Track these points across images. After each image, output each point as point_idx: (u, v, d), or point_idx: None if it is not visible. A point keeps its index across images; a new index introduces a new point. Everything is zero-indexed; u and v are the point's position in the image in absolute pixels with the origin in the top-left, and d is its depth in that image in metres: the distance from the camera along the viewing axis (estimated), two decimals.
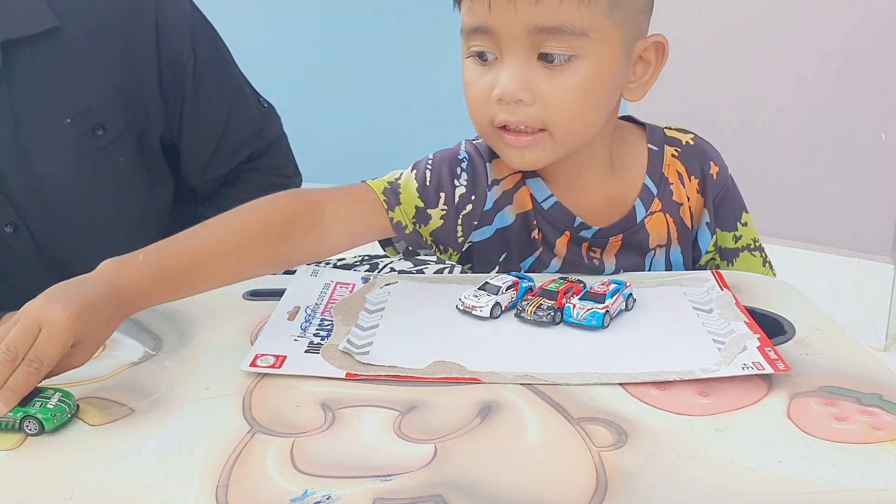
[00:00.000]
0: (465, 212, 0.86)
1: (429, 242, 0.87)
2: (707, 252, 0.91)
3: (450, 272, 1.16)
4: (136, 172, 1.06)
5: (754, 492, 0.50)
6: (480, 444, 0.55)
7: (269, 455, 0.54)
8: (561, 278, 0.76)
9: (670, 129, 0.92)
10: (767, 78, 2.01)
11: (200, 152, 1.10)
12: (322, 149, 2.38)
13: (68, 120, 0.99)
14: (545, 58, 0.76)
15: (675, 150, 0.90)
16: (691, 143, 0.91)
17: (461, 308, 0.73)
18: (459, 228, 0.86)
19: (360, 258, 1.18)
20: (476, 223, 0.86)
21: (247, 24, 2.39)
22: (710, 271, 0.82)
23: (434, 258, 1.18)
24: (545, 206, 0.87)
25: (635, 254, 0.88)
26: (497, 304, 0.72)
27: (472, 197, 0.85)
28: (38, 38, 0.95)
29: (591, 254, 0.87)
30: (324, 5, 2.47)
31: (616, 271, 0.88)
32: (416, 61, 2.44)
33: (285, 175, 1.18)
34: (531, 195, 0.87)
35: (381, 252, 0.94)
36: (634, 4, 0.79)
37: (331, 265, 1.14)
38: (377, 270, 1.14)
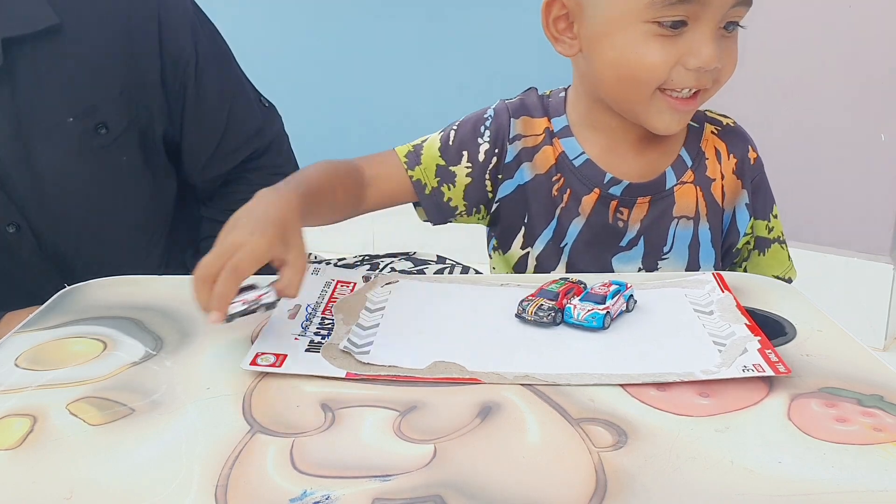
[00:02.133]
0: (491, 165, 0.90)
1: (455, 205, 0.90)
2: (745, 234, 0.93)
3: (450, 272, 1.16)
4: (138, 171, 1.06)
5: (754, 493, 0.50)
6: (480, 444, 0.55)
7: (269, 455, 0.54)
8: (562, 279, 0.76)
9: (711, 111, 0.95)
10: (766, 78, 2.01)
11: (202, 150, 1.10)
12: (322, 148, 2.38)
13: (71, 119, 0.99)
14: (727, 26, 0.81)
15: (716, 128, 0.93)
16: (732, 125, 0.94)
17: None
18: (488, 183, 0.90)
19: (360, 258, 1.18)
20: (500, 177, 0.90)
21: (248, 23, 2.39)
22: (710, 273, 0.82)
23: (434, 259, 1.18)
24: (576, 162, 0.89)
25: (660, 220, 0.89)
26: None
27: (496, 150, 0.89)
28: (39, 35, 0.95)
29: (618, 215, 0.89)
30: (327, 4, 2.47)
31: (636, 238, 0.89)
32: (417, 59, 2.43)
33: (286, 175, 1.17)
34: (560, 154, 0.89)
35: (382, 252, 0.95)
36: None
37: (331, 264, 1.14)
38: (378, 270, 1.14)
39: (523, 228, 0.90)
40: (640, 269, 0.90)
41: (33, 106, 0.97)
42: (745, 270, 0.95)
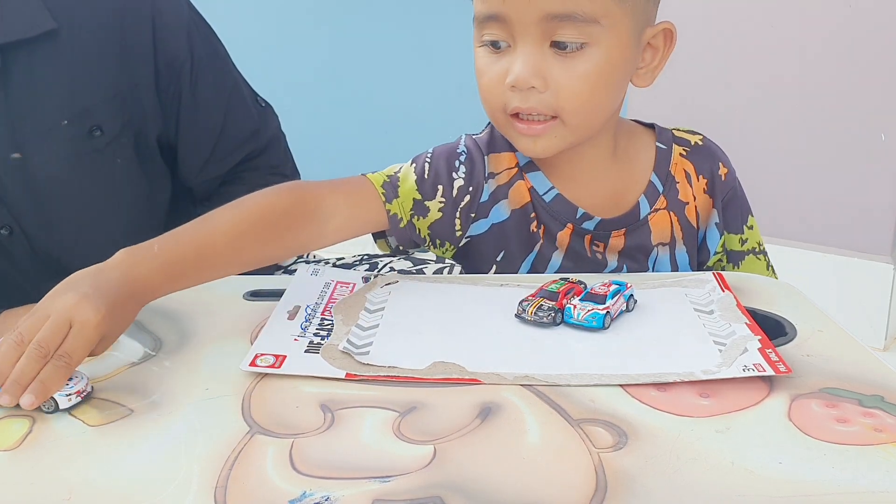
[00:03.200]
0: (462, 204, 0.86)
1: (423, 236, 0.87)
2: (715, 253, 0.92)
3: (449, 272, 1.16)
4: (133, 173, 1.06)
5: (755, 494, 0.49)
6: (480, 445, 0.54)
7: (268, 456, 0.53)
8: (562, 279, 0.76)
9: (679, 130, 0.93)
10: (766, 78, 2.01)
11: (198, 152, 1.10)
12: (321, 148, 2.39)
13: (65, 122, 0.99)
14: (557, 45, 0.78)
15: (684, 149, 0.91)
16: (700, 143, 0.92)
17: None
18: (458, 221, 0.87)
19: (359, 257, 1.18)
20: (473, 215, 0.87)
21: (244, 22, 2.39)
22: (711, 272, 0.82)
23: (433, 258, 1.18)
24: (546, 198, 0.87)
25: (637, 251, 0.88)
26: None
27: (470, 188, 0.86)
28: (35, 40, 0.95)
29: (595, 247, 0.88)
30: (325, 4, 2.47)
31: (618, 268, 0.88)
32: (415, 59, 2.43)
33: (283, 174, 1.18)
34: (531, 188, 0.87)
35: (381, 251, 0.94)
36: None
37: (330, 264, 1.13)
38: (377, 270, 1.14)
39: (495, 266, 0.88)
40: None
41: (28, 109, 0.97)
42: None
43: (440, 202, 0.86)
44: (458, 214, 0.86)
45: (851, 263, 1.97)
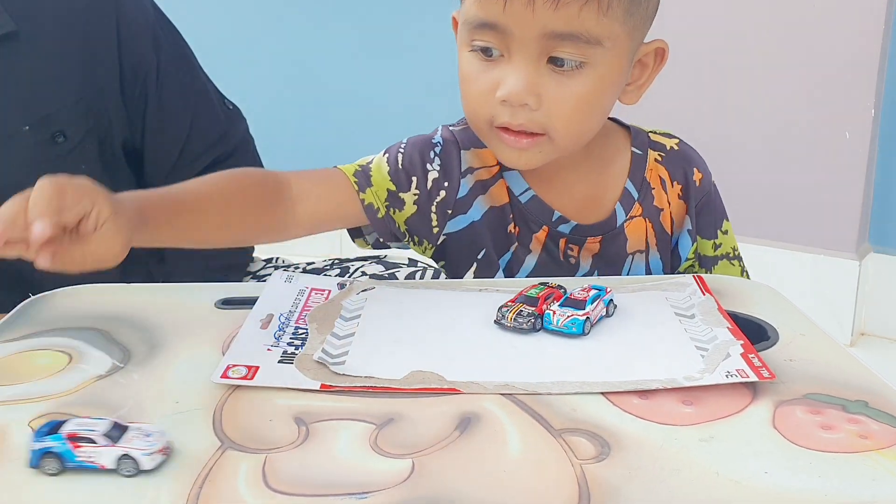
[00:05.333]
0: (438, 199, 0.84)
1: (403, 231, 0.85)
2: (686, 259, 0.90)
3: (421, 276, 1.14)
4: (97, 180, 1.03)
5: None
6: (460, 458, 0.53)
7: (241, 472, 0.52)
8: (541, 283, 0.75)
9: (655, 133, 0.91)
10: (730, 78, 2.01)
11: (164, 158, 1.08)
12: (291, 149, 2.36)
13: (27, 127, 0.96)
14: (555, 61, 0.75)
15: (659, 154, 0.89)
16: (675, 148, 0.90)
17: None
18: (434, 217, 0.84)
19: (329, 261, 1.16)
20: (450, 212, 0.85)
21: (211, 23, 2.36)
22: (691, 275, 0.81)
23: (405, 262, 1.17)
24: (522, 199, 0.85)
25: (613, 258, 0.87)
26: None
27: (445, 183, 0.84)
28: None
29: (569, 251, 0.86)
30: (296, 4, 2.44)
31: (590, 273, 0.87)
32: (385, 58, 2.42)
33: None
34: (508, 188, 0.85)
35: (354, 255, 0.92)
36: (645, 11, 0.78)
37: (300, 269, 1.12)
38: (348, 274, 1.12)
39: (475, 265, 0.86)
40: None
41: None
42: None
43: (414, 194, 0.84)
44: (433, 209, 0.84)
45: (817, 260, 1.99)
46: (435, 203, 0.84)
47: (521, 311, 0.70)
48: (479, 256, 0.86)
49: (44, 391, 0.62)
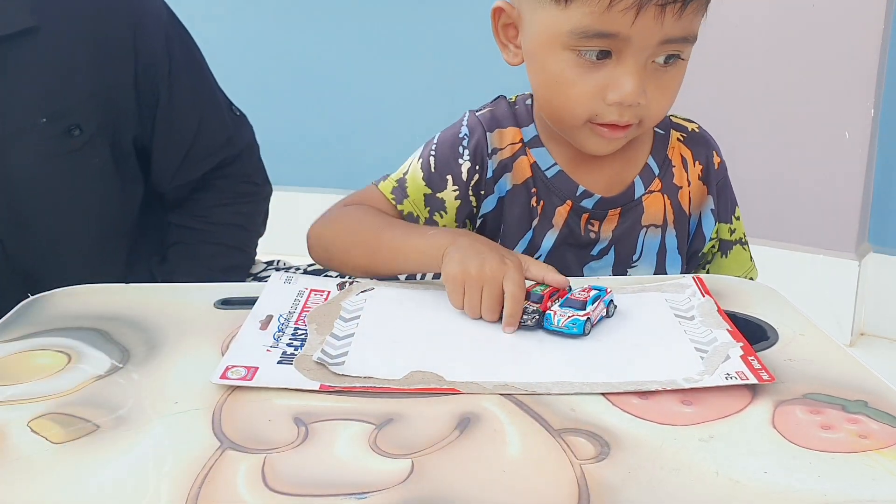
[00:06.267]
0: (473, 182, 0.88)
1: (456, 227, 0.89)
2: (710, 239, 0.93)
3: (422, 276, 1.14)
4: (108, 175, 1.05)
5: None
6: (459, 458, 0.53)
7: (240, 472, 0.52)
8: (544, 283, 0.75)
9: (676, 116, 0.94)
10: (732, 78, 2.01)
11: (172, 156, 1.09)
12: (291, 150, 2.36)
13: (44, 120, 0.98)
14: (667, 59, 0.78)
15: (682, 134, 0.92)
16: (696, 130, 0.94)
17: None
18: (473, 199, 0.89)
19: None
20: (483, 193, 0.89)
21: (215, 24, 2.36)
22: (691, 276, 0.81)
23: None
24: (549, 174, 0.88)
25: (629, 231, 0.89)
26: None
27: (477, 167, 0.88)
28: (14, 37, 0.95)
29: (590, 226, 0.88)
30: (296, 7, 2.44)
31: (607, 248, 0.89)
32: (386, 59, 2.42)
33: (255, 183, 1.18)
34: (533, 164, 0.88)
35: None
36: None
37: (300, 270, 1.11)
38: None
39: (499, 240, 0.89)
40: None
41: (6, 106, 0.96)
42: (707, 272, 0.95)
43: (454, 190, 0.88)
44: (470, 192, 0.88)
45: (817, 260, 1.99)
46: (471, 187, 0.88)
47: (526, 308, 0.70)
48: (502, 230, 0.89)
49: (43, 391, 0.62)
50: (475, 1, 2.23)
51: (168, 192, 1.13)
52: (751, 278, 0.95)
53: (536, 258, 0.88)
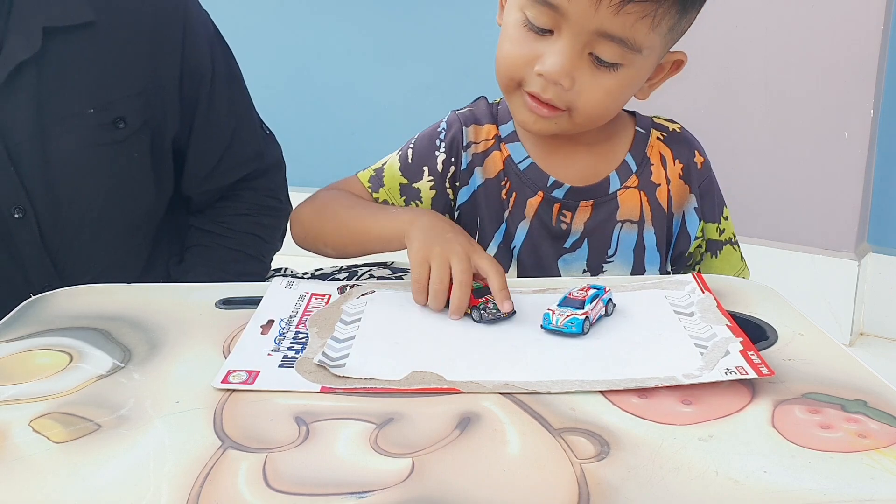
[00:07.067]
0: (449, 174, 0.91)
1: None
2: (696, 238, 0.93)
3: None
4: (144, 170, 1.09)
5: None
6: (459, 457, 0.53)
7: (241, 472, 0.52)
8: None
9: (658, 117, 0.95)
10: (730, 78, 2.01)
11: (205, 162, 1.14)
12: (289, 150, 2.36)
13: (91, 110, 1.02)
14: (595, 56, 0.79)
15: (662, 133, 0.93)
16: (678, 130, 0.94)
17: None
18: (449, 191, 0.91)
19: (338, 268, 1.16)
20: (458, 184, 0.91)
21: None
22: (690, 274, 0.81)
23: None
24: (521, 166, 0.90)
25: (602, 225, 0.90)
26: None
27: (452, 159, 0.91)
28: (73, 29, 1.00)
29: (562, 217, 0.89)
30: (291, 7, 2.44)
31: (580, 240, 0.90)
32: (382, 60, 2.41)
33: (278, 199, 1.21)
34: (507, 158, 0.90)
35: (360, 262, 0.96)
36: (684, 28, 0.83)
37: (308, 275, 1.12)
38: (356, 278, 1.13)
39: (477, 233, 0.91)
40: (584, 271, 0.90)
41: (57, 93, 1.00)
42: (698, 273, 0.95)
43: (429, 181, 0.90)
44: (447, 185, 0.91)
45: (816, 260, 1.99)
46: (447, 179, 0.91)
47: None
48: (478, 224, 0.91)
49: (44, 391, 0.62)
50: (475, 1, 2.24)
51: (195, 196, 1.17)
52: (743, 278, 0.95)
53: (512, 249, 0.90)
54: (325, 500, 0.49)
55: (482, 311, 0.72)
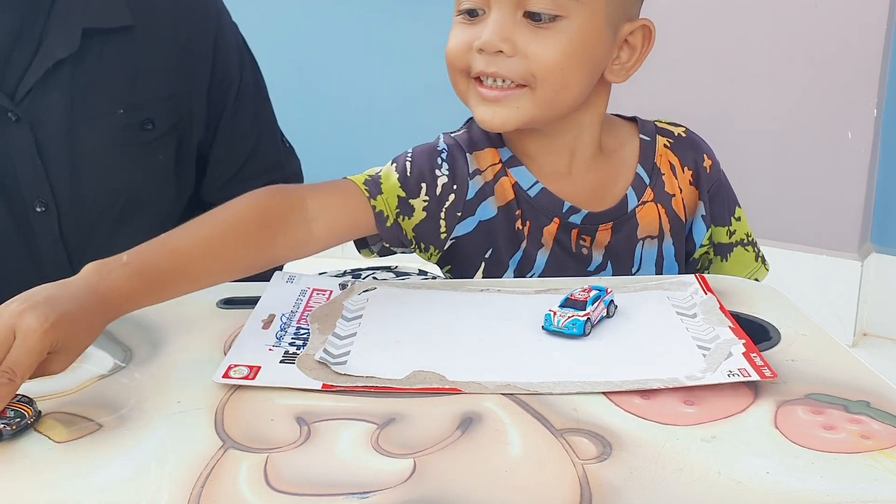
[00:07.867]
0: (447, 203, 0.84)
1: (410, 238, 0.85)
2: (701, 245, 0.91)
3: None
4: (168, 172, 1.11)
5: None
6: (461, 458, 0.53)
7: (242, 472, 0.52)
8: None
9: (661, 121, 0.92)
10: (733, 78, 2.01)
11: (226, 169, 1.16)
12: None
13: (121, 110, 1.04)
14: (531, 16, 0.78)
15: (668, 140, 0.90)
16: (683, 135, 0.92)
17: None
18: (443, 223, 0.85)
19: (341, 272, 1.16)
20: (459, 214, 0.85)
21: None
22: (693, 275, 0.81)
23: (416, 272, 1.17)
24: (531, 193, 0.86)
25: (625, 244, 0.87)
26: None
27: (454, 187, 0.85)
28: (111, 31, 1.03)
29: (581, 242, 0.86)
30: (289, 7, 2.44)
31: (603, 264, 0.87)
32: (381, 60, 2.41)
33: None
34: (514, 184, 0.86)
35: (364, 265, 0.93)
36: None
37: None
38: (359, 279, 1.13)
39: (483, 264, 0.86)
40: None
41: (90, 92, 1.03)
42: None
43: (424, 201, 0.84)
44: (442, 215, 0.84)
45: (819, 260, 1.99)
46: (444, 208, 0.84)
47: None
48: (487, 256, 0.86)
49: (45, 390, 0.62)
50: None
51: (214, 202, 1.16)
52: (756, 279, 0.93)
53: (529, 276, 0.86)
54: (327, 500, 0.49)
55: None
